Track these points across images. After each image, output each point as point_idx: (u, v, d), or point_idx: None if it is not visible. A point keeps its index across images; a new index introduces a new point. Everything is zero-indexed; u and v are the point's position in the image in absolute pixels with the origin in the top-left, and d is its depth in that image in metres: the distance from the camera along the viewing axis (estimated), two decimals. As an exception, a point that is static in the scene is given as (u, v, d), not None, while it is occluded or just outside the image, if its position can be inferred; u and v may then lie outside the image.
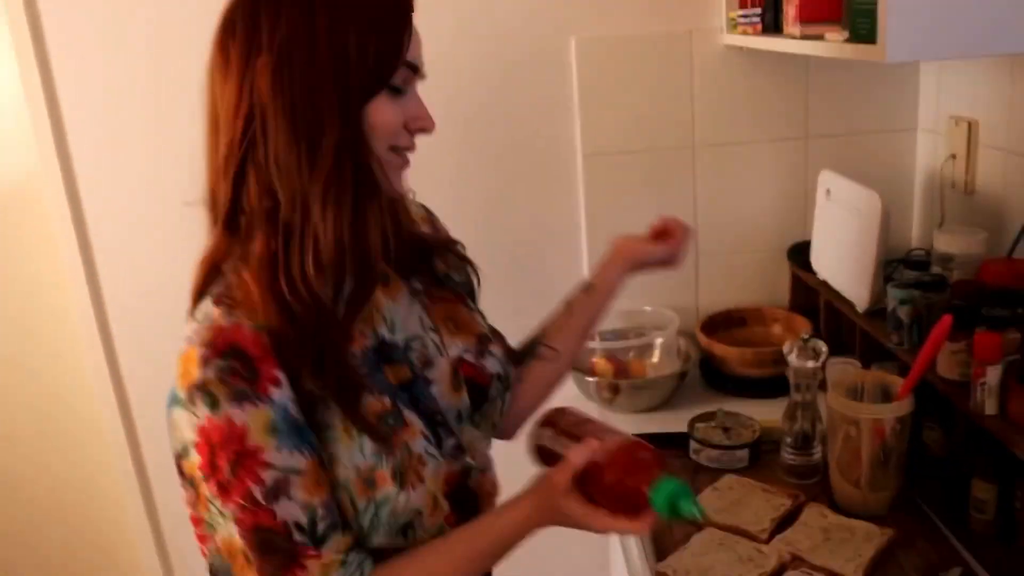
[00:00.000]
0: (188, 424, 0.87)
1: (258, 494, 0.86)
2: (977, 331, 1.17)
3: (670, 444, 1.49)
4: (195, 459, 0.88)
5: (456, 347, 1.06)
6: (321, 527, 0.89)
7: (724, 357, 1.69)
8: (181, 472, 0.95)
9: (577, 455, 0.91)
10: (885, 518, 1.25)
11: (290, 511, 0.88)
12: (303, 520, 0.88)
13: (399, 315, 1.01)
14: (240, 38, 0.87)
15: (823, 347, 1.37)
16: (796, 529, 1.24)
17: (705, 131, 1.79)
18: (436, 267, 1.11)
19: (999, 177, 1.52)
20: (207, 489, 0.90)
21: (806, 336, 1.40)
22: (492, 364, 1.08)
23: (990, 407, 1.14)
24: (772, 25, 1.49)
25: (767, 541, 1.22)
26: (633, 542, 1.37)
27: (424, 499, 0.94)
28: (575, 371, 1.62)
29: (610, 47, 1.72)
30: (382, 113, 0.90)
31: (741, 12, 1.61)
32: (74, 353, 2.09)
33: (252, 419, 0.85)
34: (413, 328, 1.03)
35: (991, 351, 1.14)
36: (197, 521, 0.98)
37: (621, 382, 1.63)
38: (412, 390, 0.98)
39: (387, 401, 0.94)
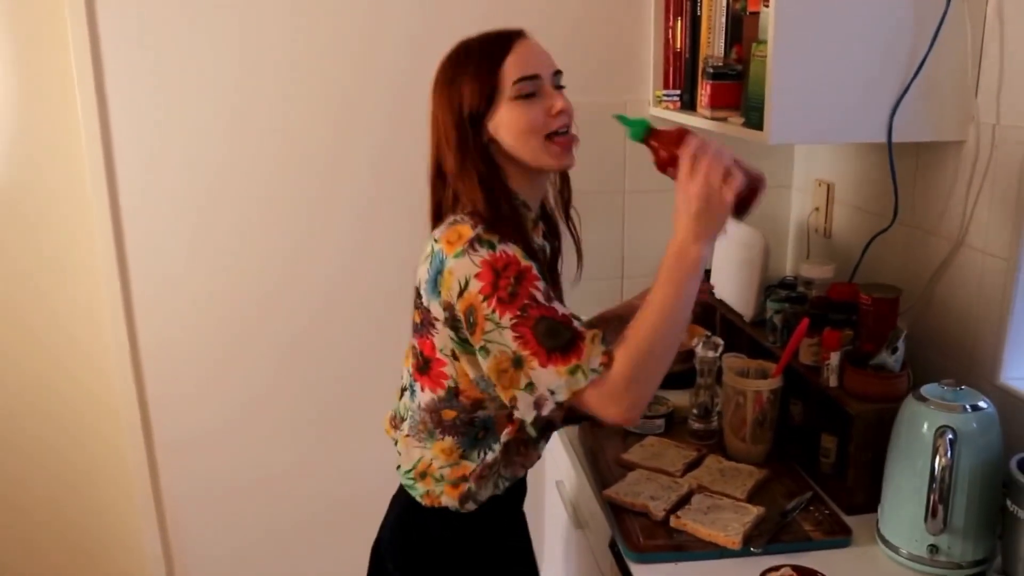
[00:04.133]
0: (469, 264, 1.29)
1: (540, 296, 1.28)
2: (825, 330, 1.68)
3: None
4: (475, 288, 1.28)
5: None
6: (576, 321, 1.30)
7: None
8: (451, 319, 1.34)
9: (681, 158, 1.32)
10: (762, 463, 1.74)
11: (558, 307, 1.29)
12: (567, 312, 1.29)
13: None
14: (444, 87, 1.42)
15: (720, 341, 1.87)
16: (701, 470, 1.72)
17: (633, 181, 2.29)
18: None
19: (847, 225, 2.07)
20: (485, 309, 1.28)
21: (708, 335, 1.89)
22: None
23: (833, 381, 1.65)
24: (688, 104, 2.00)
25: (681, 476, 1.69)
26: (580, 478, 1.82)
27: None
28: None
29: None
30: (511, 118, 1.38)
31: (664, 91, 2.11)
32: (99, 343, 2.33)
33: (518, 252, 1.30)
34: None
35: (834, 343, 1.65)
36: (443, 363, 1.40)
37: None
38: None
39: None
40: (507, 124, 1.39)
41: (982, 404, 1.41)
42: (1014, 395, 1.55)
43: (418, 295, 1.44)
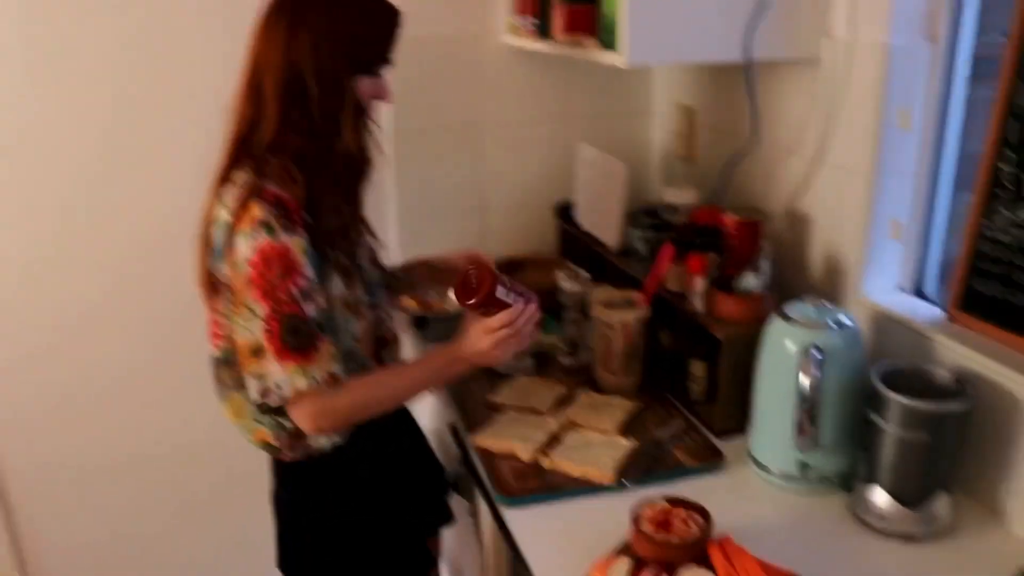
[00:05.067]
0: (248, 247, 1.26)
1: (296, 294, 1.28)
2: (690, 256, 1.64)
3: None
4: (246, 272, 1.27)
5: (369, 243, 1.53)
6: (327, 328, 1.32)
7: (510, 293, 2.10)
8: (231, 289, 1.31)
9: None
10: (634, 395, 1.70)
11: (311, 311, 1.30)
12: (318, 319, 1.31)
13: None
14: (286, 19, 1.31)
15: (586, 274, 1.81)
16: (572, 406, 1.66)
17: (492, 113, 2.19)
18: None
19: (709, 149, 2.04)
20: (248, 295, 1.28)
21: (573, 268, 1.83)
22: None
23: (699, 306, 1.62)
24: (542, 31, 1.91)
25: (551, 414, 1.63)
26: (446, 425, 1.75)
27: (363, 329, 1.42)
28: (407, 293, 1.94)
29: (415, 44, 2.07)
30: (372, 84, 1.37)
31: (519, 18, 2.01)
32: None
33: (295, 244, 1.28)
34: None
35: (700, 268, 1.62)
36: (219, 325, 1.39)
37: (428, 315, 1.99)
38: (356, 259, 1.43)
39: (347, 261, 1.38)
40: (366, 90, 1.37)
41: (846, 320, 1.40)
42: (875, 309, 1.55)
43: (211, 256, 1.37)
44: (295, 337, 1.29)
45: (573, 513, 1.39)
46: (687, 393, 1.69)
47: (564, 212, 2.22)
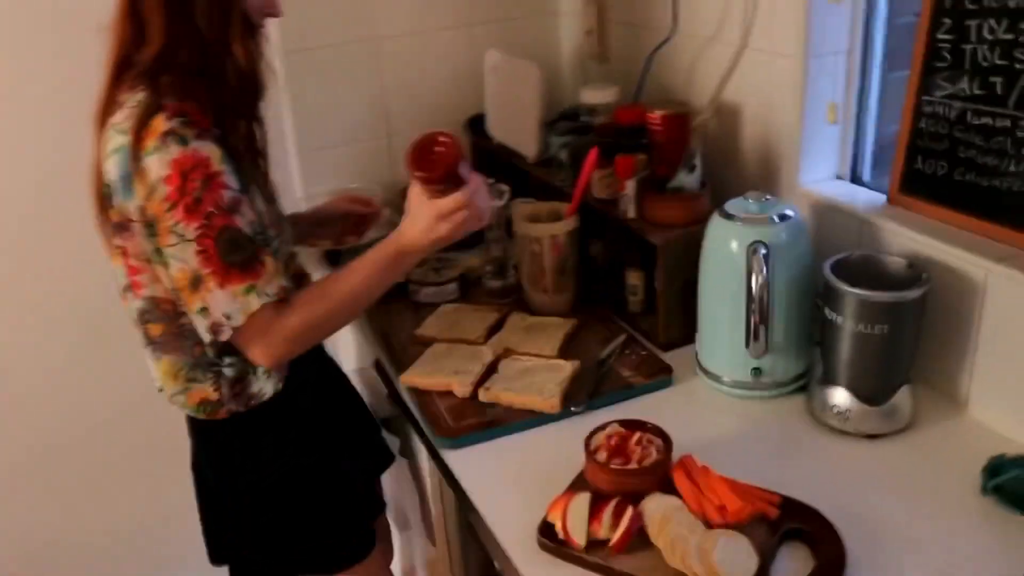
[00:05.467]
0: (160, 164, 1.12)
1: (224, 203, 1.15)
2: (617, 158, 1.52)
3: (391, 294, 1.73)
4: (162, 192, 1.13)
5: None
6: (261, 239, 1.19)
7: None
8: (145, 223, 1.16)
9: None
10: (569, 313, 1.59)
11: (244, 224, 1.17)
12: (253, 231, 1.18)
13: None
14: None
15: (505, 187, 1.68)
16: (504, 332, 1.55)
17: (387, 25, 2.00)
18: None
19: (624, 44, 1.90)
20: (171, 218, 1.13)
21: (491, 181, 1.69)
22: None
23: (631, 212, 1.51)
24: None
25: (483, 343, 1.52)
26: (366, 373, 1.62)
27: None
28: (301, 246, 1.79)
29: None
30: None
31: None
32: None
33: (211, 151, 1.14)
34: None
35: (628, 170, 1.50)
36: (137, 271, 1.24)
37: (341, 248, 1.83)
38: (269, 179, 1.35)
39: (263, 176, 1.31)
40: (254, 2, 1.23)
41: (789, 212, 1.31)
42: (816, 199, 1.46)
43: (109, 194, 1.21)
44: (234, 252, 1.15)
45: (520, 448, 1.29)
46: (626, 306, 1.60)
47: (476, 126, 2.06)
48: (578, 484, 1.14)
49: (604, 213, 1.58)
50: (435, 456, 1.34)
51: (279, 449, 1.38)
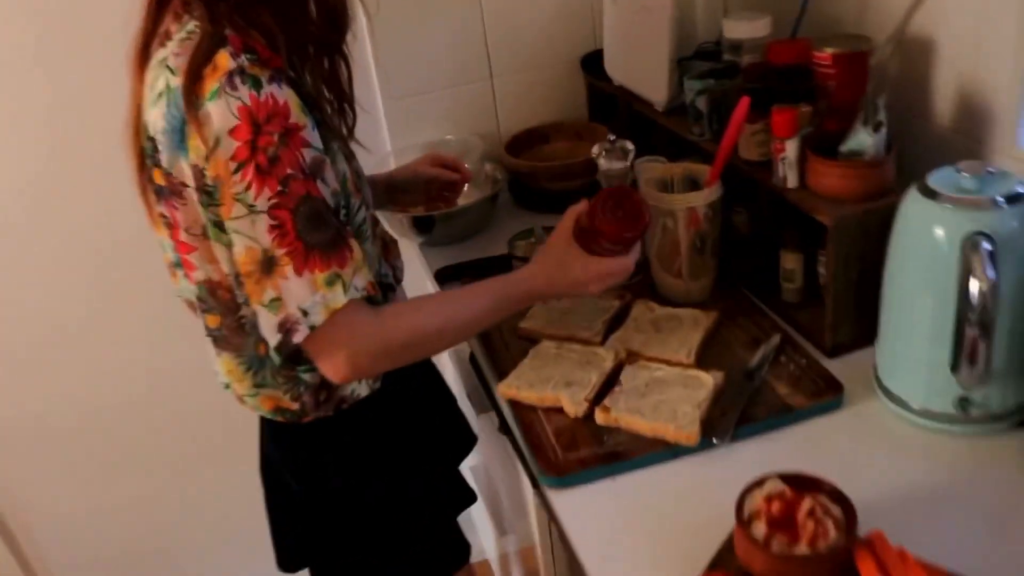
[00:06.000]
0: (226, 110, 0.88)
1: (306, 166, 0.91)
2: (773, 110, 1.19)
3: (491, 268, 1.47)
4: (228, 149, 0.88)
5: None
6: (345, 215, 0.98)
7: (532, 174, 1.67)
8: (203, 188, 0.93)
9: (568, 215, 1.10)
10: (707, 303, 1.30)
11: (328, 192, 0.94)
12: (336, 203, 0.96)
13: None
14: None
15: (630, 146, 1.37)
16: (627, 327, 1.26)
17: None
18: None
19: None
20: (239, 183, 0.89)
21: (612, 138, 1.39)
22: None
23: (792, 180, 1.18)
24: None
25: (601, 343, 1.24)
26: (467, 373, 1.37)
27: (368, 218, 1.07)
28: (383, 211, 1.54)
29: None
30: None
31: None
32: None
33: (290, 98, 0.90)
34: None
35: (787, 126, 1.17)
36: (188, 248, 1.01)
37: (434, 213, 1.58)
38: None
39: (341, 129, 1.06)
40: None
41: (1020, 190, 0.96)
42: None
43: (152, 149, 0.97)
44: (317, 229, 0.91)
45: (645, 488, 1.02)
46: (778, 294, 1.28)
47: (591, 65, 1.75)
48: (724, 561, 0.86)
49: (754, 179, 1.26)
50: (536, 486, 1.08)
51: (375, 452, 1.17)
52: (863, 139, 1.11)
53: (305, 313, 0.92)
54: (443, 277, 1.51)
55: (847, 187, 1.12)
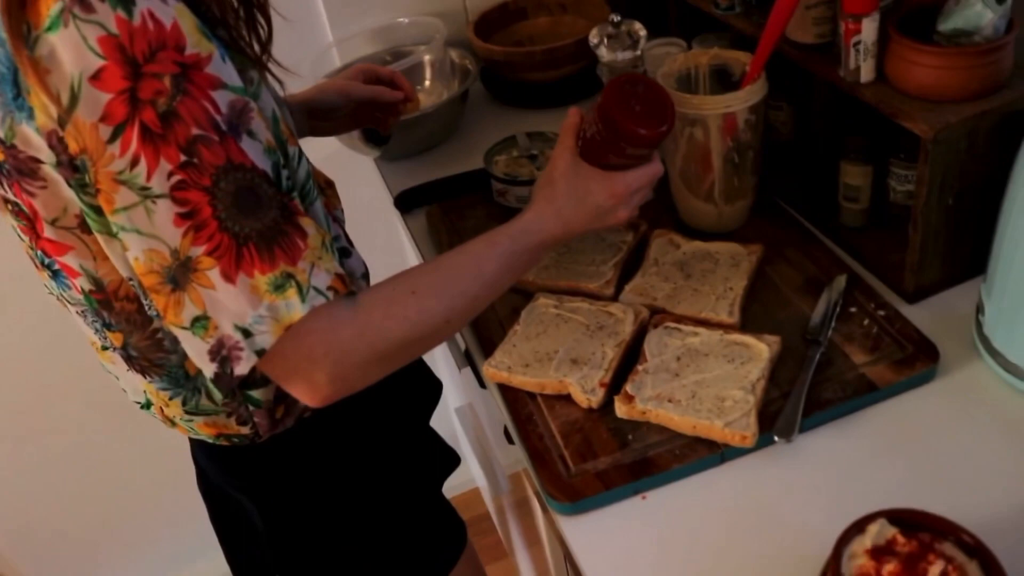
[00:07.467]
0: (80, 44, 0.57)
1: (222, 117, 0.61)
2: (838, -26, 0.88)
3: (467, 190, 1.18)
4: (94, 105, 0.58)
5: None
6: (287, 183, 0.66)
7: (509, 63, 1.34)
8: (66, 160, 0.63)
9: (564, 131, 0.82)
10: (745, 232, 1.01)
11: (259, 151, 0.63)
12: (273, 163, 0.65)
13: None
14: None
15: (641, 30, 1.05)
16: (647, 272, 0.98)
17: None
18: None
19: None
20: (118, 156, 0.59)
21: (616, 19, 1.07)
22: None
23: (867, 73, 0.88)
24: None
25: (614, 297, 0.96)
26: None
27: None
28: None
29: None
30: None
31: None
32: None
33: (182, 15, 0.60)
34: None
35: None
36: (59, 247, 0.70)
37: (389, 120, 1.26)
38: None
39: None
40: None
41: None
42: None
43: None
44: (250, 211, 0.63)
45: (682, 508, 0.76)
46: (837, 216, 1.00)
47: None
48: (820, 644, 0.62)
49: (811, 70, 0.95)
50: (545, 509, 0.82)
51: (347, 461, 0.93)
52: (977, 12, 0.80)
53: (247, 333, 0.64)
54: (406, 202, 1.21)
55: (949, 81, 0.82)
